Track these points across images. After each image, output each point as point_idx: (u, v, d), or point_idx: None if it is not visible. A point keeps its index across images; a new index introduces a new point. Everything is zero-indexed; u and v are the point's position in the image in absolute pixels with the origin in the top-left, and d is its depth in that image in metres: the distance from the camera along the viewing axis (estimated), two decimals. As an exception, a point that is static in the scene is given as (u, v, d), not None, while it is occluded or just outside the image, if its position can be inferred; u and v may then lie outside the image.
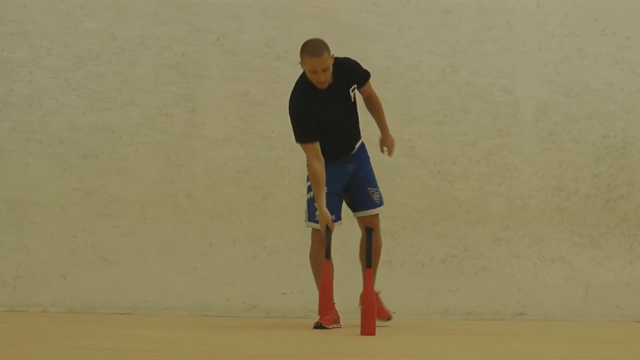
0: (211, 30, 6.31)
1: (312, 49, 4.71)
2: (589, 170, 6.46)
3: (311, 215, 4.98)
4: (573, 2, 6.60)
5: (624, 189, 6.46)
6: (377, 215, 5.09)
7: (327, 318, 4.78)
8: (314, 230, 5.00)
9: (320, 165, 4.81)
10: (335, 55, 4.81)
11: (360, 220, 5.09)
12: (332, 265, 4.92)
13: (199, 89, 6.24)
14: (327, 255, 4.79)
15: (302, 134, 4.84)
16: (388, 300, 5.56)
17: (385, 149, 5.17)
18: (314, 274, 5.09)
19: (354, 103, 5.02)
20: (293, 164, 6.13)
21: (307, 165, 4.89)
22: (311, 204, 4.97)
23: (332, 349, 3.43)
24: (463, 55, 6.47)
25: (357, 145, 5.11)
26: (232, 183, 6.18)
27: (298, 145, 5.20)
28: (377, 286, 4.86)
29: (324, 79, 4.73)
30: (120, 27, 6.24)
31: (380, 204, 5.10)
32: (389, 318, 5.08)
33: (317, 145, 4.83)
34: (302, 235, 5.86)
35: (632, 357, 3.37)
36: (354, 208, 5.12)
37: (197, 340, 3.87)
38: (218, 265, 6.10)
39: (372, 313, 4.28)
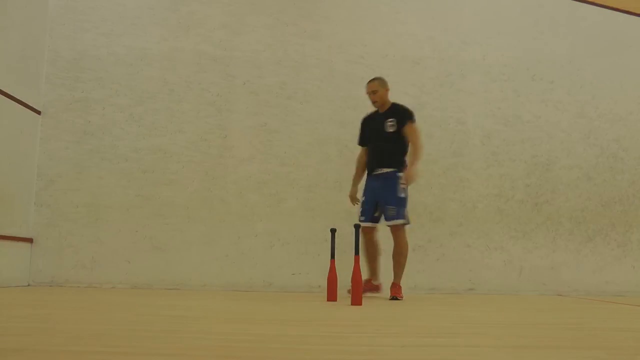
0: (239, 77, 6.35)
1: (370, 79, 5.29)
2: (522, 182, 6.49)
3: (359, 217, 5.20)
4: (510, 56, 6.64)
5: (549, 195, 6.49)
6: (397, 226, 5.09)
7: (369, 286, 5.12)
8: (361, 227, 4.84)
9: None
10: (394, 102, 5.26)
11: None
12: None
13: (229, 121, 6.28)
14: (332, 255, 4.69)
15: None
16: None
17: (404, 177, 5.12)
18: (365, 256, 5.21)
19: (393, 133, 5.13)
20: (300, 177, 6.18)
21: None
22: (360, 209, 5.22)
23: (329, 315, 3.45)
24: (428, 95, 6.50)
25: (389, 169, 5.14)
26: (254, 191, 6.20)
27: (304, 162, 5.22)
28: (363, 270, 4.74)
29: (373, 99, 5.22)
30: (170, 74, 6.29)
31: (398, 218, 5.07)
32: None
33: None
34: (307, 230, 5.91)
35: (553, 321, 3.40)
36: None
37: (228, 308, 3.90)
38: (244, 253, 6.12)
39: (360, 289, 4.18)
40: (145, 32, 6.30)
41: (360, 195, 5.33)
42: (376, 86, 5.21)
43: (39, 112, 6.05)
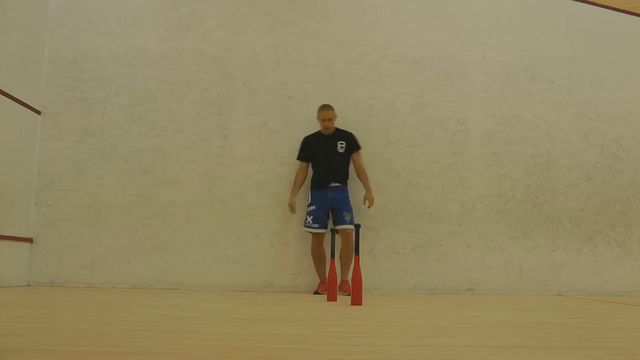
0: (239, 77, 6.34)
1: (323, 105, 5.99)
2: (522, 182, 6.49)
3: (307, 224, 5.84)
4: (510, 55, 6.64)
5: (548, 195, 6.49)
6: (350, 229, 5.64)
7: (322, 287, 5.61)
8: (312, 234, 5.81)
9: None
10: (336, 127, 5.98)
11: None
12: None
13: (229, 121, 6.27)
14: (332, 255, 4.98)
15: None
16: (371, 279, 5.62)
17: (367, 201, 5.89)
18: (314, 262, 5.85)
19: (342, 154, 5.91)
20: (300, 177, 6.18)
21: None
22: (306, 215, 5.82)
23: (329, 315, 3.45)
24: (427, 95, 6.50)
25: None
26: (254, 191, 6.20)
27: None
28: (363, 269, 4.75)
29: (327, 126, 5.92)
30: (170, 74, 6.28)
31: (352, 222, 5.70)
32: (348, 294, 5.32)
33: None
34: (307, 230, 5.90)
35: (553, 321, 3.40)
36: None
37: (228, 308, 3.90)
38: (244, 252, 6.11)
39: (359, 289, 4.19)
40: (145, 32, 6.30)
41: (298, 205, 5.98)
42: (333, 115, 5.90)
43: (39, 112, 6.05)
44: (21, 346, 1.98)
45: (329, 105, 5.96)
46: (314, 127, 6.17)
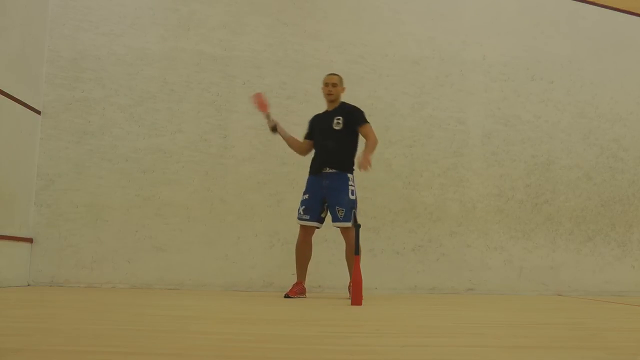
0: (239, 77, 6.34)
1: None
2: (522, 182, 6.49)
3: (298, 215, 5.08)
4: (510, 55, 6.64)
5: (549, 195, 6.49)
6: (346, 227, 4.87)
7: (294, 290, 4.93)
8: (301, 226, 5.09)
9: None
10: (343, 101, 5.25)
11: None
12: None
13: (229, 121, 6.27)
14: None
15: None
16: (372, 279, 5.59)
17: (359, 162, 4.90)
18: (296, 258, 5.15)
19: (340, 132, 5.07)
20: (300, 177, 6.14)
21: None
22: (300, 207, 5.07)
23: (329, 315, 3.45)
24: (427, 95, 6.50)
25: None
26: (254, 191, 6.19)
27: (303, 162, 5.24)
28: (363, 269, 4.72)
29: (329, 91, 5.17)
30: (170, 74, 6.28)
31: (346, 220, 4.86)
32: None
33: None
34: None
35: (553, 321, 3.40)
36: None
37: (228, 308, 3.90)
38: (244, 253, 6.11)
39: (359, 289, 4.21)
40: (145, 32, 6.30)
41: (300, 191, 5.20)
42: (337, 80, 5.19)
43: (39, 112, 6.04)
44: (21, 346, 1.98)
45: (334, 73, 5.33)
46: (314, 127, 6.16)
